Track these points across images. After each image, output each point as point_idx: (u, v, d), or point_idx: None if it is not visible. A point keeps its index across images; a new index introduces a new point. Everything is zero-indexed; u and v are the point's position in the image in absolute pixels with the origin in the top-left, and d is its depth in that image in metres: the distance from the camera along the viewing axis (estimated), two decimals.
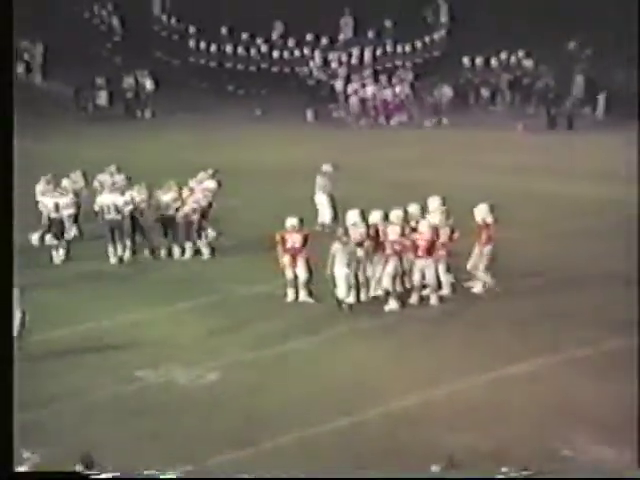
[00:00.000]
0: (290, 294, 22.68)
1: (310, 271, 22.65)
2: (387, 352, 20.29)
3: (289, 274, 22.73)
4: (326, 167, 28.02)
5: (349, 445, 16.71)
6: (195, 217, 25.47)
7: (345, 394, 18.46)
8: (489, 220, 23.00)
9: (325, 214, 27.54)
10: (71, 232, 26.03)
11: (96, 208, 25.64)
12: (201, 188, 25.90)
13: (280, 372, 19.48)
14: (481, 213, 23.09)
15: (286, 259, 22.70)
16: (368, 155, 35.17)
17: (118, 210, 25.31)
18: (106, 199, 25.48)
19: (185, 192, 25.60)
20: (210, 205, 25.82)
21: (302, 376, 19.32)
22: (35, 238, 25.96)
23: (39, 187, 26.28)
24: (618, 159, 33.45)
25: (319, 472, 15.11)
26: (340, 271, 22.05)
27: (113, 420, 17.63)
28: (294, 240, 22.69)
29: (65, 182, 26.48)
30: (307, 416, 17.67)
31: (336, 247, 22.17)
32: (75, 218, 26.30)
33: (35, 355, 19.74)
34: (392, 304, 22.26)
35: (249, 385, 18.95)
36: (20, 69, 42.35)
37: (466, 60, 43.08)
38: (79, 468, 14.24)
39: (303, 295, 22.65)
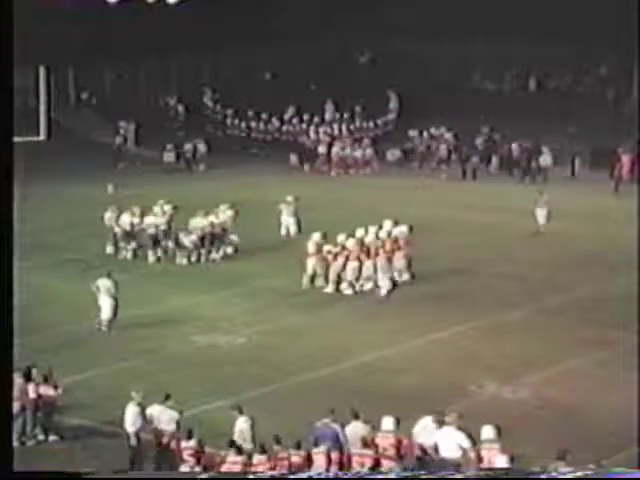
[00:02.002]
0: (305, 283, 22.36)
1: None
2: (353, 323, 20.14)
3: (309, 270, 22.33)
4: (289, 198, 27.94)
5: (334, 387, 16.56)
6: (218, 231, 25.12)
7: (327, 352, 18.31)
8: (405, 236, 22.90)
9: (290, 229, 27.36)
10: (162, 242, 25.32)
11: (144, 226, 25.16)
12: (226, 215, 25.67)
13: (287, 337, 19.33)
14: (402, 232, 23.03)
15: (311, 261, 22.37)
16: (343, 193, 35.03)
17: (157, 227, 24.94)
18: (150, 220, 25.13)
19: (212, 217, 25.29)
20: (229, 224, 25.61)
21: (301, 339, 19.18)
22: (109, 249, 25.35)
23: (108, 214, 25.49)
24: (507, 197, 33.38)
25: (316, 405, 14.73)
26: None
27: (177, 369, 17.48)
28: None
29: (156, 209, 25.85)
30: (305, 366, 17.52)
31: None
32: (163, 233, 25.35)
33: (126, 325, 19.60)
34: (349, 291, 22.07)
35: (267, 346, 18.84)
36: (119, 140, 42.51)
37: (410, 132, 43.00)
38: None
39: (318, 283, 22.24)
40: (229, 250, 25.59)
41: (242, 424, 13.57)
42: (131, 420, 13.92)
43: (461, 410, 13.73)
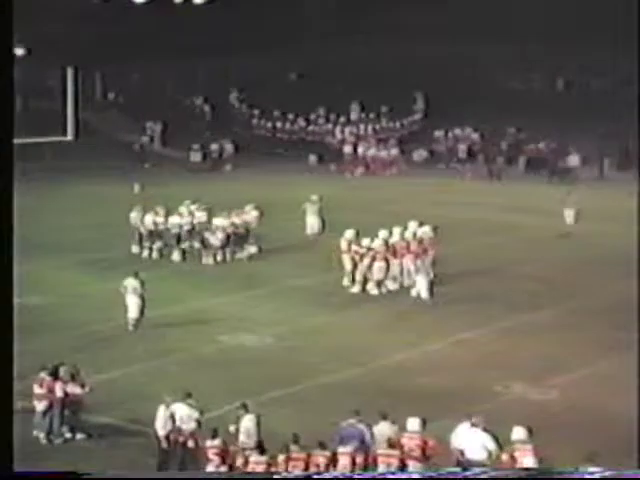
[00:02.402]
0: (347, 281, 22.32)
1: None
2: (380, 324, 20.08)
3: (348, 267, 22.28)
4: (314, 197, 27.94)
5: (360, 387, 16.51)
6: (240, 231, 25.12)
7: (354, 352, 18.27)
8: (430, 236, 22.82)
9: (314, 228, 27.33)
10: (188, 241, 25.41)
11: (169, 226, 25.21)
12: (251, 215, 25.66)
13: (313, 337, 19.30)
14: (426, 233, 22.94)
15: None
16: (368, 193, 34.96)
17: (181, 227, 24.93)
18: (175, 219, 25.16)
19: (234, 217, 25.27)
20: (254, 225, 25.58)
21: (327, 339, 19.14)
22: (135, 248, 25.36)
23: (133, 214, 25.55)
24: (534, 198, 33.17)
25: (343, 405, 14.71)
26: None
27: (203, 368, 17.49)
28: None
29: (182, 209, 25.83)
30: (332, 366, 17.48)
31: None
32: (188, 233, 25.39)
33: (153, 325, 19.65)
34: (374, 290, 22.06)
35: (293, 346, 18.81)
36: (145, 139, 42.71)
37: (436, 132, 42.90)
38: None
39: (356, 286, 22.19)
40: (253, 250, 25.61)
41: (247, 422, 13.55)
42: (162, 423, 13.92)
43: (487, 411, 13.64)
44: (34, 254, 24.89)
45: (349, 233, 22.80)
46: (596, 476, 9.89)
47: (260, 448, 12.91)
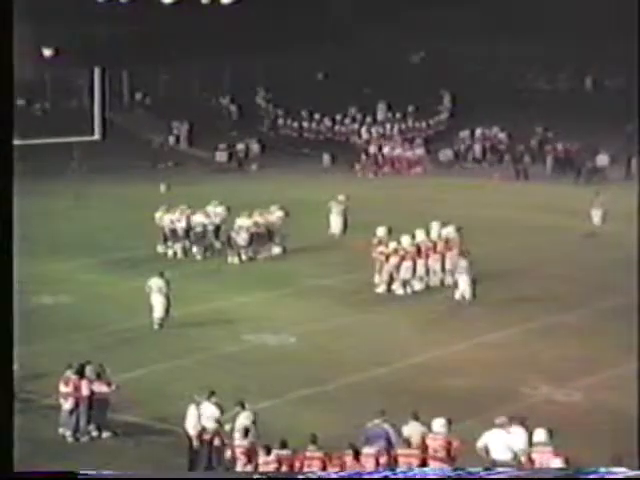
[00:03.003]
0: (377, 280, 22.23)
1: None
2: (406, 324, 20.02)
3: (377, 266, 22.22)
4: (340, 197, 27.92)
5: (385, 387, 16.47)
6: (262, 231, 25.15)
7: (379, 352, 18.24)
8: (453, 236, 22.72)
9: (337, 228, 27.30)
10: (212, 241, 25.53)
11: (193, 225, 25.27)
12: (275, 216, 25.69)
13: (337, 337, 19.28)
14: (447, 232, 22.86)
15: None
16: (394, 193, 34.92)
17: (204, 226, 24.99)
18: (199, 219, 25.21)
19: (257, 217, 25.28)
20: (278, 225, 25.64)
21: (352, 339, 19.11)
22: (160, 247, 25.39)
23: (158, 213, 25.59)
24: (561, 198, 32.97)
25: (367, 405, 14.69)
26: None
27: (228, 368, 17.52)
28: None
29: (209, 208, 25.89)
30: (356, 366, 17.46)
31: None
32: (213, 233, 25.56)
33: (178, 324, 19.72)
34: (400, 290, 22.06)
35: (317, 345, 18.80)
36: (172, 140, 42.92)
37: (462, 132, 42.76)
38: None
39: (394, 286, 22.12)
40: (277, 250, 25.65)
41: (244, 420, 13.56)
42: (193, 422, 13.96)
43: (513, 412, 13.58)
44: (62, 253, 25.09)
45: (381, 230, 22.73)
46: (620, 476, 9.76)
47: (282, 444, 12.88)
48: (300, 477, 11.44)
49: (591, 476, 9.97)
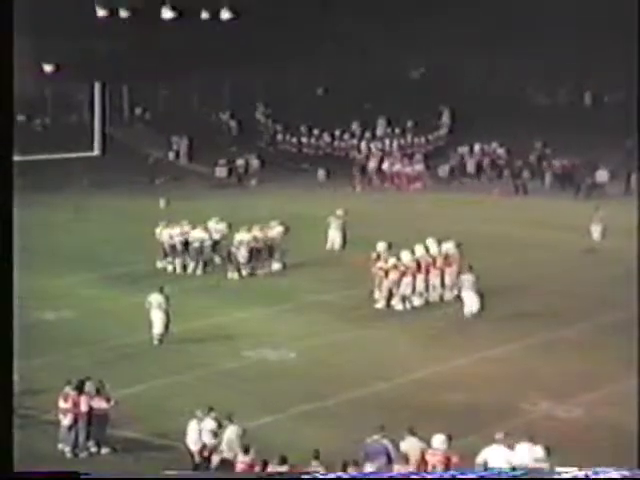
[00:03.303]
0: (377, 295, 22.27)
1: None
2: (405, 340, 20.01)
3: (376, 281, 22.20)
4: (339, 212, 27.94)
5: (385, 403, 16.45)
6: (261, 246, 25.14)
7: (378, 367, 18.22)
8: (452, 252, 22.75)
9: (335, 243, 27.31)
10: (212, 256, 25.52)
11: (192, 240, 25.26)
12: (275, 231, 25.73)
13: (337, 352, 19.26)
14: (447, 247, 22.88)
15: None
16: (393, 208, 34.95)
17: (202, 242, 24.99)
18: (197, 234, 25.18)
19: (256, 232, 25.24)
20: (278, 240, 25.60)
21: (352, 354, 19.10)
22: (160, 263, 25.33)
23: (158, 229, 25.57)
24: (561, 213, 33.03)
25: (366, 422, 14.71)
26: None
27: (227, 383, 17.50)
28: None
29: (210, 224, 25.86)
30: (356, 381, 17.45)
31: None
32: (211, 248, 25.56)
33: (177, 340, 19.70)
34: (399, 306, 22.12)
35: (317, 361, 18.77)
36: (171, 155, 43.03)
37: (462, 148, 42.84)
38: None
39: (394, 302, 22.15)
40: (277, 266, 25.67)
41: (231, 434, 13.53)
42: (194, 438, 13.95)
43: (514, 428, 13.57)
44: (63, 267, 25.09)
45: (380, 246, 22.72)
46: (620, 476, 9.78)
47: (282, 459, 12.87)
48: (301, 477, 11.33)
49: (591, 476, 9.82)
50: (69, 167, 32.93)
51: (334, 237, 27.79)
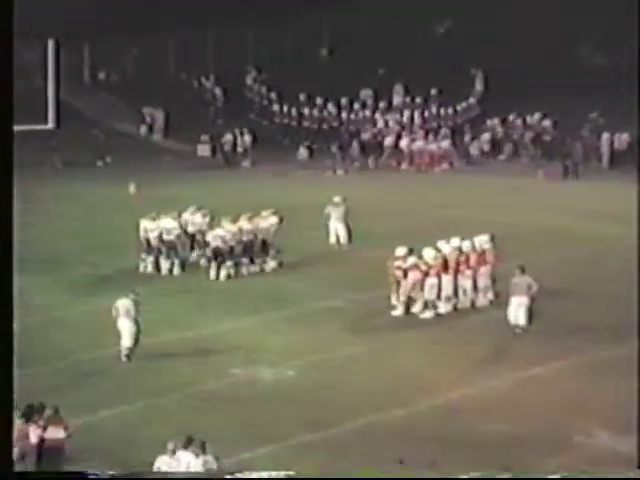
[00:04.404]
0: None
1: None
2: (428, 355, 19.98)
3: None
4: (337, 199, 27.88)
5: (402, 433, 16.40)
6: (252, 238, 25.14)
7: (397, 389, 18.18)
8: (486, 247, 22.70)
9: (340, 237, 27.34)
10: (192, 253, 25.61)
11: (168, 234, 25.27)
12: (268, 222, 25.66)
13: (346, 371, 19.28)
14: (481, 242, 22.81)
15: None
16: (414, 194, 34.89)
17: (181, 236, 25.08)
18: (176, 227, 25.20)
19: (243, 221, 25.22)
20: (271, 233, 25.56)
21: (364, 374, 19.08)
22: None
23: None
24: (619, 201, 32.94)
25: (376, 455, 14.71)
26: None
27: (212, 408, 17.53)
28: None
29: (185, 215, 25.83)
30: (368, 406, 17.42)
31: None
32: (192, 243, 25.68)
33: (150, 355, 19.72)
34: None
35: (321, 381, 18.81)
36: (143, 130, 43.10)
37: (496, 120, 42.85)
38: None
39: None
40: (273, 264, 25.63)
41: (198, 465, 13.53)
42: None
43: (564, 466, 13.49)
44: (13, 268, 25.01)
45: (400, 251, 22.47)
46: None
47: None
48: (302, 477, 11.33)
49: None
50: (17, 144, 32.84)
51: (336, 229, 27.74)
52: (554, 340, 20.60)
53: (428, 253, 22.43)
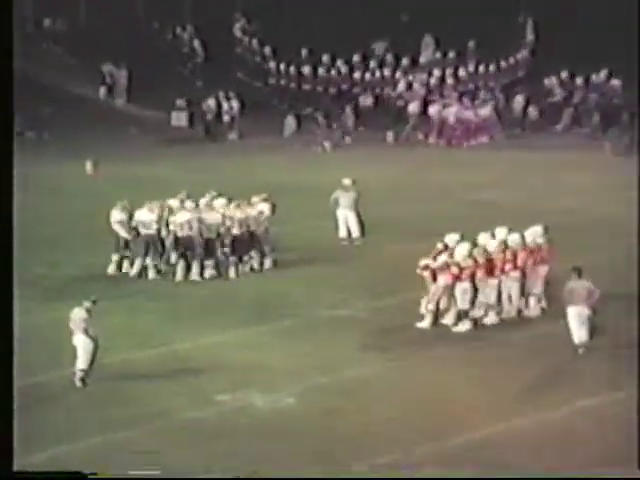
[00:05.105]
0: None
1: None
2: (461, 378, 20.18)
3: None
4: (346, 181, 28.02)
5: (431, 474, 16.63)
6: (246, 235, 25.57)
7: (424, 419, 18.38)
8: (540, 242, 22.87)
9: (352, 229, 27.73)
10: (168, 251, 26.00)
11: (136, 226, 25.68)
12: (256, 210, 25.91)
13: (358, 396, 19.41)
14: (533, 235, 22.94)
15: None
16: (444, 175, 35.05)
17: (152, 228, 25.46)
18: (145, 217, 25.52)
19: (228, 208, 25.54)
20: (262, 224, 25.99)
21: (382, 400, 19.26)
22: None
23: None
24: None
25: None
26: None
27: (192, 443, 17.69)
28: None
29: (155, 202, 26.12)
30: (386, 442, 17.61)
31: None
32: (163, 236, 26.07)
33: (113, 376, 19.90)
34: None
35: (328, 409, 18.90)
36: (102, 92, 43.13)
37: (552, 80, 42.86)
38: None
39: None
40: (266, 263, 25.85)
41: None
42: None
43: None
44: None
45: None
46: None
47: None
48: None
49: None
50: None
51: (347, 219, 27.89)
52: (612, 362, 20.76)
53: (462, 249, 22.57)
